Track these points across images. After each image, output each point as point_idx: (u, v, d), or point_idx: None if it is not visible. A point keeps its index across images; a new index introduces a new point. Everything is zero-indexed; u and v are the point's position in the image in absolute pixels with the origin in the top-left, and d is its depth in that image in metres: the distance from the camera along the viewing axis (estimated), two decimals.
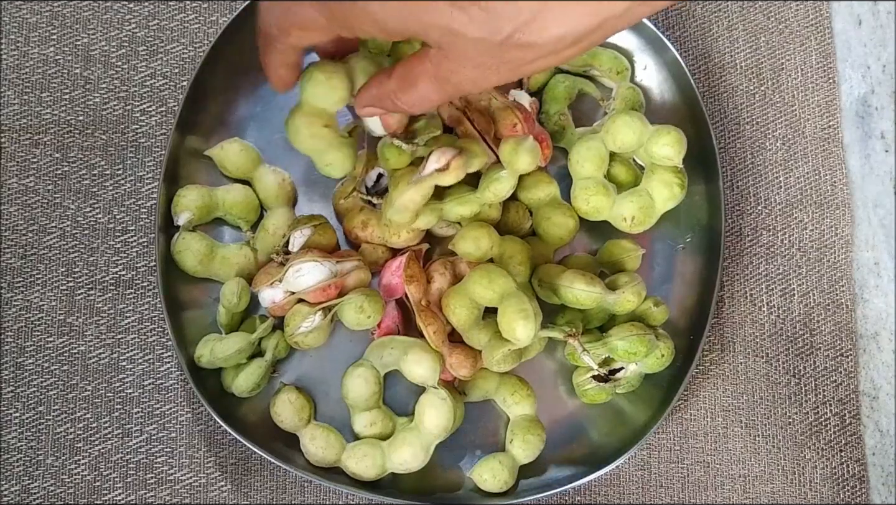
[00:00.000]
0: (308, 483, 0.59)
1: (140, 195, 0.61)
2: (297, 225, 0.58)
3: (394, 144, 0.55)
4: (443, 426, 0.55)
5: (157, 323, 0.60)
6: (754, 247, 0.64)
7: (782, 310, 0.63)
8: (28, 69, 0.62)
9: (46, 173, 0.61)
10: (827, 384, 0.63)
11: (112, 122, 0.62)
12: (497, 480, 0.57)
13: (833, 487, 0.62)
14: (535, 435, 0.58)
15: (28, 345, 0.59)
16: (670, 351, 0.58)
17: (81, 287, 0.60)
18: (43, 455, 0.59)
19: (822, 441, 0.62)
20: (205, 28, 0.64)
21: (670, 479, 0.61)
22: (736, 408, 0.62)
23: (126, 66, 0.63)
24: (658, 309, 0.59)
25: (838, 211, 0.65)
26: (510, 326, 0.53)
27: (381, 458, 0.56)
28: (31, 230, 0.61)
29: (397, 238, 0.57)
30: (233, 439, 0.59)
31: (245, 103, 0.61)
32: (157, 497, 0.59)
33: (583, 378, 0.59)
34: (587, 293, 0.56)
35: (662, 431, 0.62)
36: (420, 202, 0.53)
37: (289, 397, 0.57)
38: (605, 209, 0.59)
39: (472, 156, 0.54)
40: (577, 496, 0.60)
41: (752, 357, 0.63)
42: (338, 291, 0.57)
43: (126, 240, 0.61)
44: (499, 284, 0.54)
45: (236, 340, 0.56)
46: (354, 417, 0.58)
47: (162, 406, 0.60)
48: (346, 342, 0.59)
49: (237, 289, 0.56)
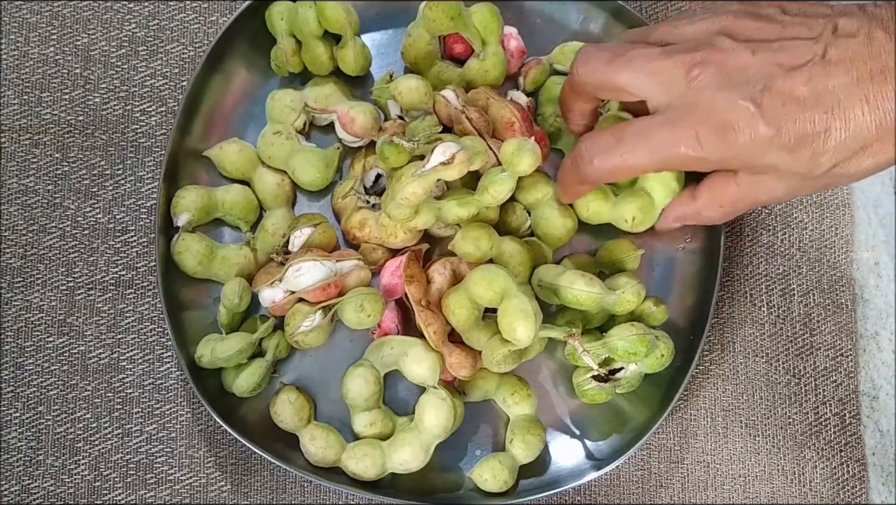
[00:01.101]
0: (308, 483, 0.59)
1: (140, 195, 0.61)
2: (297, 225, 0.58)
3: (393, 143, 0.55)
4: (443, 426, 0.55)
5: (157, 323, 0.60)
6: (754, 247, 0.64)
7: (782, 310, 0.63)
8: (28, 69, 0.62)
9: (46, 173, 0.61)
10: (827, 384, 0.63)
11: (112, 122, 0.62)
12: (497, 480, 0.57)
13: (833, 487, 0.62)
14: (535, 435, 0.58)
15: (28, 345, 0.59)
16: (670, 351, 0.58)
17: (81, 287, 0.60)
18: (43, 455, 0.59)
19: (822, 441, 0.62)
20: (205, 28, 0.64)
21: (670, 479, 0.61)
22: (736, 408, 0.62)
23: (126, 66, 0.63)
24: (658, 309, 0.59)
25: (838, 211, 0.65)
26: (510, 326, 0.53)
27: (381, 458, 0.56)
28: (31, 230, 0.61)
29: (394, 239, 0.57)
30: (233, 439, 0.59)
31: (244, 103, 0.61)
32: (157, 497, 0.59)
33: (583, 378, 0.59)
34: (587, 293, 0.56)
35: (662, 431, 0.62)
36: (422, 196, 0.53)
37: (289, 397, 0.57)
38: (605, 213, 0.59)
39: (476, 152, 0.54)
40: (577, 496, 0.60)
41: (752, 357, 0.63)
42: (338, 290, 0.57)
43: (126, 240, 0.61)
44: (499, 284, 0.54)
45: (237, 340, 0.56)
46: (354, 417, 0.58)
47: (162, 406, 0.60)
48: (346, 342, 0.60)
49: (238, 289, 0.56)
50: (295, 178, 0.60)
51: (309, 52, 0.60)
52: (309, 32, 0.59)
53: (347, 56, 0.59)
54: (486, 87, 0.60)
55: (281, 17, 0.59)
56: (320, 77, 0.61)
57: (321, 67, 0.60)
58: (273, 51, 0.61)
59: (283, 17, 0.59)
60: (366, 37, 0.62)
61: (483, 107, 0.58)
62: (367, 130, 0.58)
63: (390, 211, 0.55)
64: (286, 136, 0.59)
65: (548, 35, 0.63)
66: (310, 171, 0.59)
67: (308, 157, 0.59)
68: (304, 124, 0.60)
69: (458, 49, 0.61)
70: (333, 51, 0.60)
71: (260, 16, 0.60)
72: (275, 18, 0.59)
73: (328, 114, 0.60)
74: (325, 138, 0.61)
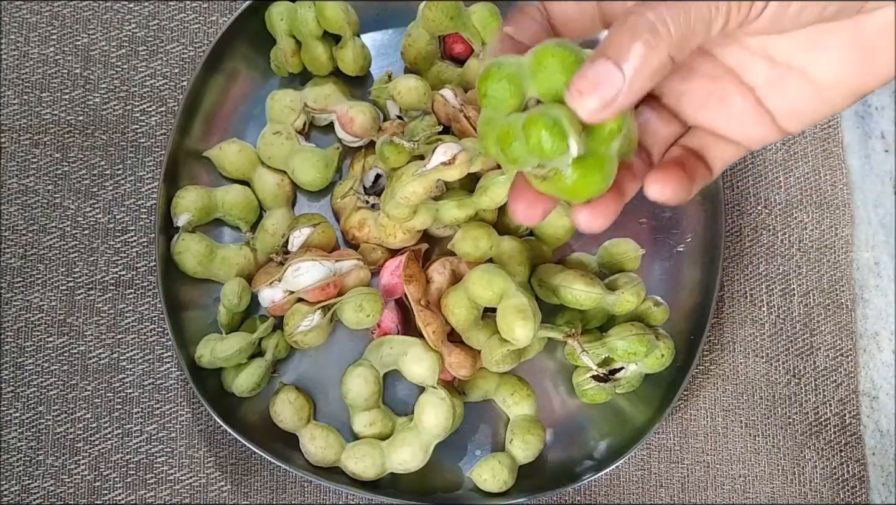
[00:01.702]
0: (308, 483, 0.59)
1: (140, 195, 0.61)
2: (296, 225, 0.58)
3: (393, 142, 0.55)
4: (442, 426, 0.55)
5: (157, 323, 0.60)
6: (754, 247, 0.64)
7: (782, 310, 0.63)
8: (28, 69, 0.62)
9: (46, 173, 0.61)
10: (827, 384, 0.63)
11: (112, 122, 0.62)
12: (497, 480, 0.57)
13: (833, 487, 0.62)
14: (535, 435, 0.58)
15: (28, 345, 0.59)
16: (670, 351, 0.58)
17: (81, 287, 0.60)
18: (43, 455, 0.59)
19: (822, 441, 0.62)
20: (205, 28, 0.64)
21: (670, 479, 0.61)
22: (736, 408, 0.62)
23: (126, 66, 0.63)
24: (658, 309, 0.59)
25: (838, 211, 0.65)
26: (509, 326, 0.53)
27: (380, 457, 0.56)
28: (31, 230, 0.61)
29: (393, 239, 0.57)
30: (233, 439, 0.59)
31: (244, 103, 0.62)
32: (157, 497, 0.59)
33: (583, 378, 0.59)
34: (586, 294, 0.56)
35: (662, 431, 0.61)
36: (422, 195, 0.53)
37: (288, 397, 0.57)
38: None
39: (477, 153, 0.54)
40: (577, 496, 0.60)
41: (752, 357, 0.63)
42: (337, 290, 0.57)
43: (126, 240, 0.61)
44: (498, 284, 0.54)
45: (237, 339, 0.56)
46: (354, 417, 0.58)
47: (162, 406, 0.60)
48: (346, 342, 0.60)
49: (238, 289, 0.56)
50: (295, 178, 0.60)
51: (308, 53, 0.60)
52: (308, 33, 0.59)
53: (347, 56, 0.59)
54: None
55: (281, 18, 0.59)
56: (320, 77, 0.61)
57: (321, 68, 0.60)
58: (273, 51, 0.61)
59: (282, 17, 0.59)
60: (366, 37, 0.62)
61: None
62: (366, 130, 0.59)
63: (389, 210, 0.55)
64: (286, 137, 0.59)
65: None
66: (309, 171, 0.59)
67: (308, 157, 0.59)
68: (304, 124, 0.60)
69: (457, 49, 0.62)
70: (333, 51, 0.60)
71: (260, 16, 0.60)
72: (274, 19, 0.59)
73: (328, 114, 0.60)
74: (325, 138, 0.62)
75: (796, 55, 0.38)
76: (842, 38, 0.37)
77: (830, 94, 0.38)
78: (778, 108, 0.39)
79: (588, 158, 0.35)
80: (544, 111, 0.34)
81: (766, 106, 0.39)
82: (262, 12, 0.60)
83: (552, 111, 0.34)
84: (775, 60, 0.38)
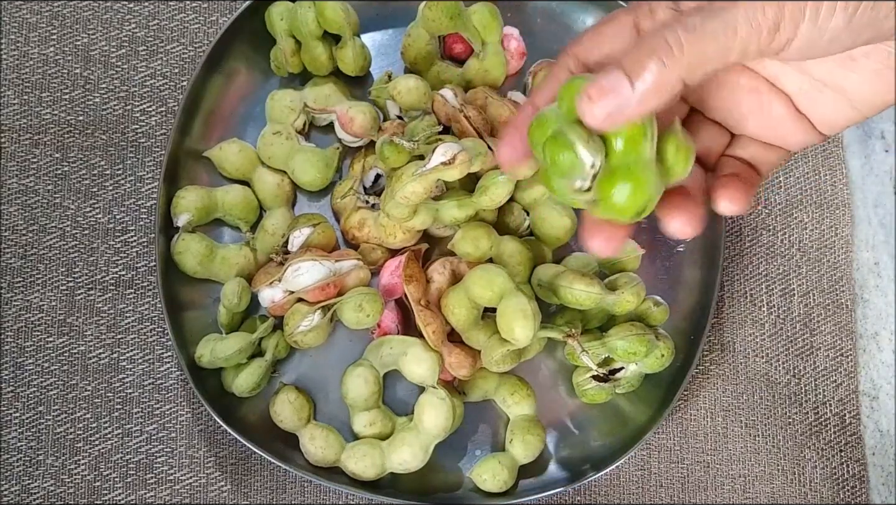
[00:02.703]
0: (308, 483, 0.59)
1: (140, 195, 0.61)
2: (296, 225, 0.58)
3: (393, 142, 0.55)
4: (442, 426, 0.55)
5: (157, 323, 0.60)
6: (754, 247, 0.64)
7: (782, 310, 0.63)
8: (28, 69, 0.62)
9: (46, 173, 0.61)
10: (827, 384, 0.63)
11: (112, 122, 0.62)
12: (497, 480, 0.57)
13: (833, 487, 0.62)
14: (535, 435, 0.58)
15: (28, 345, 0.59)
16: (670, 351, 0.58)
17: (81, 287, 0.60)
18: (43, 455, 0.59)
19: (822, 441, 0.62)
20: (205, 28, 0.64)
21: (670, 479, 0.61)
22: (736, 408, 0.62)
23: (126, 66, 0.63)
24: (658, 309, 0.59)
25: (838, 211, 0.65)
26: (509, 325, 0.53)
27: (380, 458, 0.56)
28: (31, 230, 0.61)
29: (393, 238, 0.57)
30: (233, 439, 0.59)
31: (244, 103, 0.62)
32: (157, 497, 0.59)
33: (583, 378, 0.59)
34: (586, 294, 0.56)
35: (662, 431, 0.61)
36: (422, 195, 0.53)
37: (288, 397, 0.57)
38: None
39: (477, 154, 0.54)
40: (577, 496, 0.60)
41: (752, 357, 0.63)
42: (337, 290, 0.57)
43: (126, 240, 0.61)
44: (498, 283, 0.54)
45: (237, 339, 0.56)
46: (354, 417, 0.58)
47: (162, 406, 0.60)
48: (346, 342, 0.60)
49: (238, 289, 0.56)
50: (295, 178, 0.60)
51: (308, 53, 0.60)
52: (308, 33, 0.59)
53: (347, 56, 0.59)
54: (484, 86, 0.60)
55: (280, 18, 0.59)
56: (320, 77, 0.61)
57: (321, 68, 0.60)
58: (273, 51, 0.61)
59: (282, 17, 0.59)
60: (366, 37, 0.62)
61: (481, 106, 0.58)
62: (366, 130, 0.59)
63: (389, 210, 0.55)
64: (286, 137, 0.59)
65: (548, 35, 0.63)
66: (309, 171, 0.59)
67: (308, 158, 0.59)
68: (304, 124, 0.61)
69: (457, 49, 0.62)
70: (333, 51, 0.60)
71: (260, 16, 0.60)
72: (274, 19, 0.59)
73: (328, 114, 0.60)
74: (325, 138, 0.62)
75: (831, 73, 0.40)
76: (876, 58, 0.38)
77: (863, 106, 0.40)
78: (813, 115, 0.41)
79: (618, 171, 0.35)
80: (557, 130, 0.35)
81: (803, 112, 0.41)
82: (262, 12, 0.60)
83: (564, 128, 0.35)
84: (811, 74, 0.40)
